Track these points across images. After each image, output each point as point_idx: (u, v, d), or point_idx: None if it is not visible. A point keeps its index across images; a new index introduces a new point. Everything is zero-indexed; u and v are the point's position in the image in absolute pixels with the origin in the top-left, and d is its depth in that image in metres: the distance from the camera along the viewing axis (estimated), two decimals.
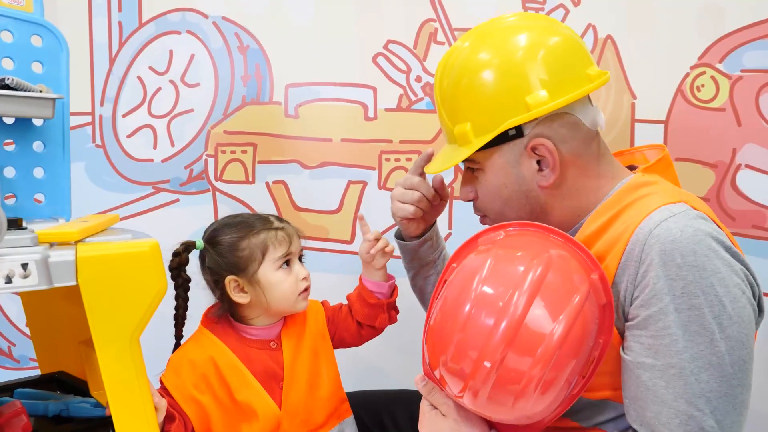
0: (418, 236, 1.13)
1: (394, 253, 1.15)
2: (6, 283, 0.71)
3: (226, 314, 1.06)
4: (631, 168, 0.96)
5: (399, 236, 1.16)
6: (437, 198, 1.09)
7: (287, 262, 1.03)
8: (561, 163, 0.87)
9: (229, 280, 1.01)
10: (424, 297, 1.20)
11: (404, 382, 1.27)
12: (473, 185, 0.94)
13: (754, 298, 0.80)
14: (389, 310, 1.13)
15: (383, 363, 1.53)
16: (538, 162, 0.87)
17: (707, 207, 0.85)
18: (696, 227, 0.76)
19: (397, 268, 1.20)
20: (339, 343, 1.15)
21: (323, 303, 1.15)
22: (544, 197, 0.89)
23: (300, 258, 1.07)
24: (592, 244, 0.84)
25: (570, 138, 0.87)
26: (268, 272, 1.01)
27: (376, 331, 1.15)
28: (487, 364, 0.74)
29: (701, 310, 0.74)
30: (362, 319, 1.13)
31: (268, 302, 1.02)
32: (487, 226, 0.91)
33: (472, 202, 0.98)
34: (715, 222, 0.81)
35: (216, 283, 1.03)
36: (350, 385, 1.25)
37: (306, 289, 1.04)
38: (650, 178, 0.88)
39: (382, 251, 1.12)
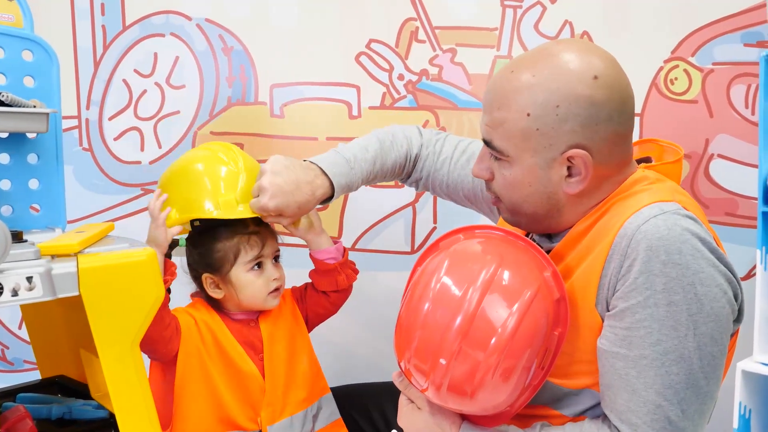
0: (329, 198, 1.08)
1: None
2: (12, 296, 0.74)
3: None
4: (646, 160, 0.98)
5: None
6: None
7: (259, 264, 1.09)
8: (593, 174, 0.85)
9: (205, 277, 1.10)
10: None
11: (389, 373, 1.32)
12: (491, 166, 0.91)
13: (736, 301, 0.82)
14: (345, 270, 1.17)
15: (371, 353, 1.58)
16: (568, 168, 0.86)
17: (701, 211, 0.86)
18: (684, 226, 0.78)
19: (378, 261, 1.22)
20: (316, 318, 1.20)
21: (292, 290, 1.21)
22: (565, 201, 0.88)
23: (277, 257, 1.13)
24: (581, 237, 0.87)
25: (608, 151, 0.85)
26: (240, 273, 1.08)
27: (343, 292, 1.19)
28: (443, 361, 0.80)
29: (679, 307, 0.77)
30: (325, 288, 1.18)
31: (239, 300, 1.10)
32: (457, 227, 0.93)
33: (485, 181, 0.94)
34: (705, 225, 0.83)
35: (195, 278, 1.12)
36: (341, 379, 1.29)
37: (277, 289, 1.11)
38: (651, 174, 0.89)
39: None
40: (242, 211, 1.04)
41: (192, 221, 1.09)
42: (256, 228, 1.10)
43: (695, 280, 0.77)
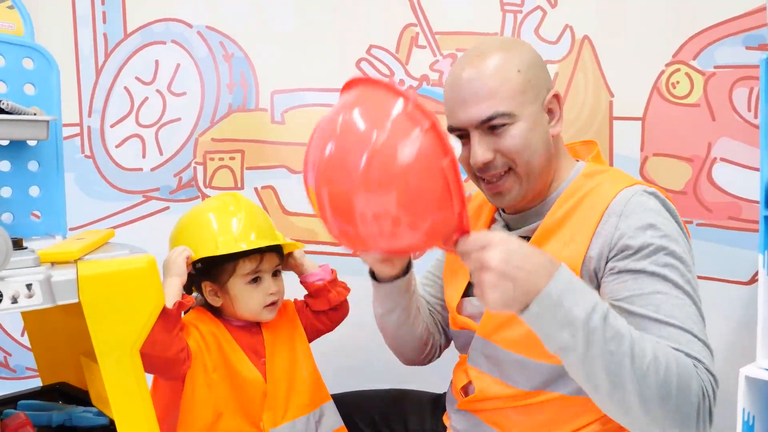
0: (391, 279, 1.08)
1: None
2: (12, 303, 0.73)
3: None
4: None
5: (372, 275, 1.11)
6: None
7: (257, 278, 1.11)
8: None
9: (205, 285, 1.12)
10: (386, 335, 1.19)
11: (391, 379, 1.31)
12: (490, 144, 0.95)
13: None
14: (334, 288, 1.22)
15: (370, 357, 1.57)
16: (548, 111, 0.99)
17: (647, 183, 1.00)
18: (653, 203, 0.94)
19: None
20: (314, 332, 1.23)
21: (294, 301, 1.24)
22: (554, 144, 0.99)
23: (277, 272, 1.15)
24: (562, 224, 0.95)
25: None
26: (237, 285, 1.10)
27: (338, 310, 1.23)
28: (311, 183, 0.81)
29: (668, 258, 0.89)
30: (320, 307, 1.22)
31: (235, 310, 1.12)
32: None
33: (482, 170, 0.97)
34: (660, 192, 0.96)
35: (196, 286, 1.14)
36: (340, 384, 1.29)
37: (273, 303, 1.13)
38: (600, 167, 1.02)
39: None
40: (243, 246, 1.08)
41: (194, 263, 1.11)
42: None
43: (671, 240, 0.90)
